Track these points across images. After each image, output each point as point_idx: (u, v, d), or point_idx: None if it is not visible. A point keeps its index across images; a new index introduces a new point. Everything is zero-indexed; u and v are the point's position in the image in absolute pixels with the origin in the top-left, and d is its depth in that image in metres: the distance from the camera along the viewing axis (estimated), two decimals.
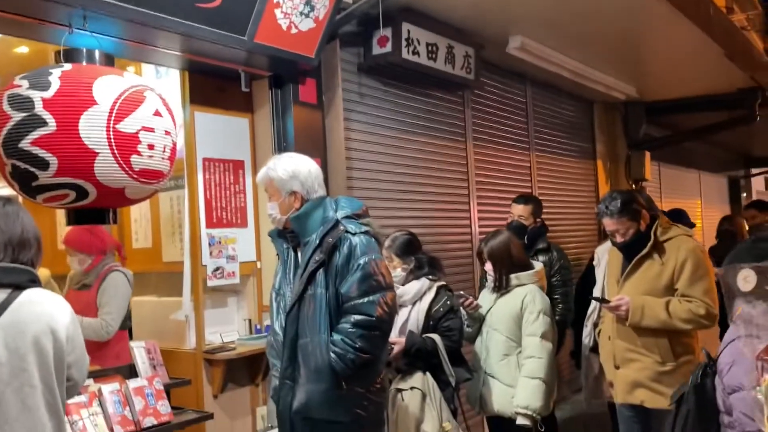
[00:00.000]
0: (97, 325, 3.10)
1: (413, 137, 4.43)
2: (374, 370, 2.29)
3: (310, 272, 2.27)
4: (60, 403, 1.83)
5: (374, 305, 2.22)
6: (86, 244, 3.27)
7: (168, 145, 2.49)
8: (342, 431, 2.26)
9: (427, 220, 4.44)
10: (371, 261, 2.25)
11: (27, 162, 2.24)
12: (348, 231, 2.28)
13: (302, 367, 2.26)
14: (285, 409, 2.30)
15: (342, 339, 2.20)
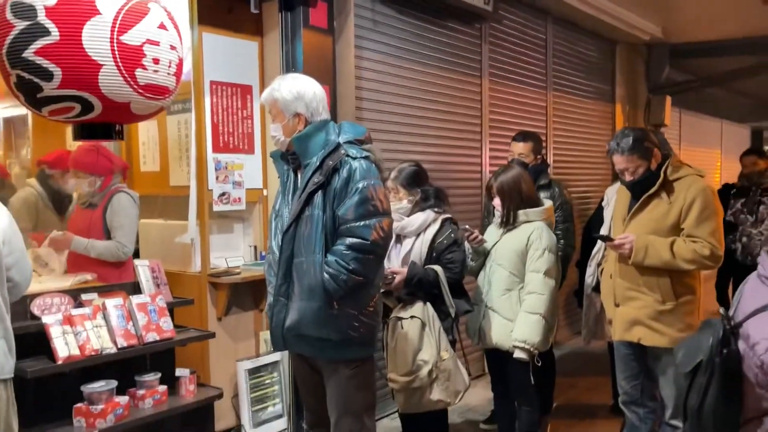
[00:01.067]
0: (113, 247, 3.13)
1: (426, 69, 4.32)
2: (367, 293, 2.31)
3: (309, 193, 2.28)
4: (1, 302, 1.96)
5: (370, 229, 2.23)
6: (94, 165, 3.26)
7: (174, 60, 2.45)
8: (332, 348, 2.31)
9: (436, 156, 4.39)
10: (370, 186, 2.25)
11: (31, 72, 2.22)
12: (349, 155, 2.28)
13: (296, 285, 2.29)
14: (278, 326, 2.35)
15: (336, 260, 2.22)
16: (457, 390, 2.82)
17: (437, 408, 2.84)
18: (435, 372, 2.74)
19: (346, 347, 2.31)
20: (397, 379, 2.79)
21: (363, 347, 2.36)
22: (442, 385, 2.77)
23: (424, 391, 2.76)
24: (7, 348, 1.97)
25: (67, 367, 2.35)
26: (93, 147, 3.29)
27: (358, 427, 2.36)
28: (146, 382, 2.61)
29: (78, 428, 2.35)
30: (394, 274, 2.79)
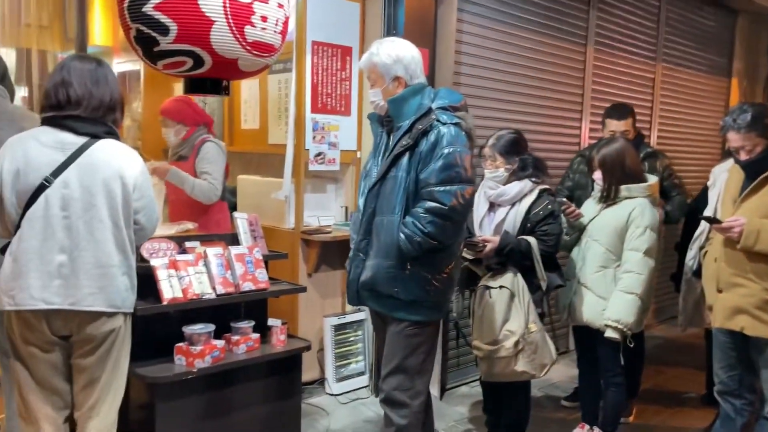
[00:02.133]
0: (206, 185, 3.26)
1: (529, 35, 4.19)
2: (442, 258, 2.34)
3: (396, 155, 2.32)
4: (127, 241, 2.11)
5: (450, 195, 2.25)
6: (183, 114, 3.38)
7: (280, 18, 2.49)
8: (400, 308, 2.36)
9: (533, 125, 4.27)
10: (456, 152, 2.26)
11: (150, 27, 2.32)
12: (439, 120, 2.29)
13: (374, 242, 2.36)
14: (354, 280, 2.43)
15: (413, 222, 2.26)
16: (544, 363, 2.78)
17: (521, 379, 2.82)
18: (521, 343, 2.72)
19: (415, 309, 2.35)
20: (482, 346, 2.78)
21: (431, 311, 2.39)
22: (528, 357, 2.74)
23: (509, 361, 2.74)
24: (130, 285, 2.13)
25: (171, 308, 2.51)
26: (182, 97, 3.41)
27: (408, 385, 2.40)
28: (241, 329, 2.74)
29: (178, 366, 2.51)
30: (485, 242, 2.76)
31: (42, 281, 1.99)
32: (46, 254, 2.00)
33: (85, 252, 2.02)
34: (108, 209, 2.04)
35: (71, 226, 2.01)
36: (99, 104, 2.06)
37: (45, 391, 2.11)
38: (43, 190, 1.99)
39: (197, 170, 3.32)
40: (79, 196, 2.01)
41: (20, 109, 2.51)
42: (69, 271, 2.01)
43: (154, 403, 2.44)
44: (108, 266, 2.05)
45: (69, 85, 2.03)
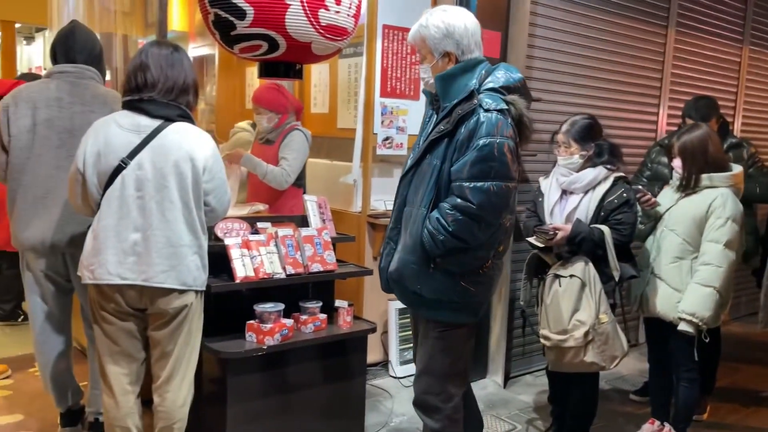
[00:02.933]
0: (278, 171, 3.32)
1: (606, 17, 4.04)
2: (474, 258, 2.11)
3: (431, 141, 2.11)
4: (197, 222, 2.17)
5: (480, 192, 2.00)
6: (275, 103, 3.43)
7: (354, 2, 2.50)
8: (424, 305, 2.20)
9: (609, 111, 4.13)
10: (494, 144, 1.99)
11: (227, 11, 2.38)
12: (481, 105, 2.03)
13: (403, 233, 2.19)
14: (384, 268, 2.27)
15: (438, 218, 2.05)
16: (614, 355, 2.71)
17: (590, 370, 2.76)
18: (592, 334, 2.65)
19: (438, 309, 2.18)
20: (550, 336, 2.74)
21: (456, 313, 2.18)
22: (598, 348, 2.67)
23: (577, 351, 2.68)
24: (201, 264, 2.20)
25: (243, 286, 2.58)
26: (275, 85, 3.48)
27: (438, 389, 2.24)
28: (309, 309, 2.79)
29: (249, 342, 2.58)
30: (556, 230, 2.70)
31: (118, 257, 2.09)
32: (122, 232, 2.09)
33: (157, 231, 2.10)
34: (178, 190, 2.11)
35: (144, 206, 2.09)
36: (173, 86, 2.13)
37: (121, 360, 2.22)
38: (120, 171, 2.08)
39: (279, 155, 3.38)
40: (152, 177, 2.09)
41: (111, 92, 2.63)
42: (142, 248, 2.09)
43: (225, 378, 2.52)
44: (178, 245, 2.12)
45: (146, 69, 2.11)
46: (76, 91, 2.49)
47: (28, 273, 2.58)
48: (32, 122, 2.42)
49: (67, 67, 2.52)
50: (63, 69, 2.51)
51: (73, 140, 2.43)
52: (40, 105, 2.43)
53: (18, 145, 2.43)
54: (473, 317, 2.24)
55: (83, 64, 2.54)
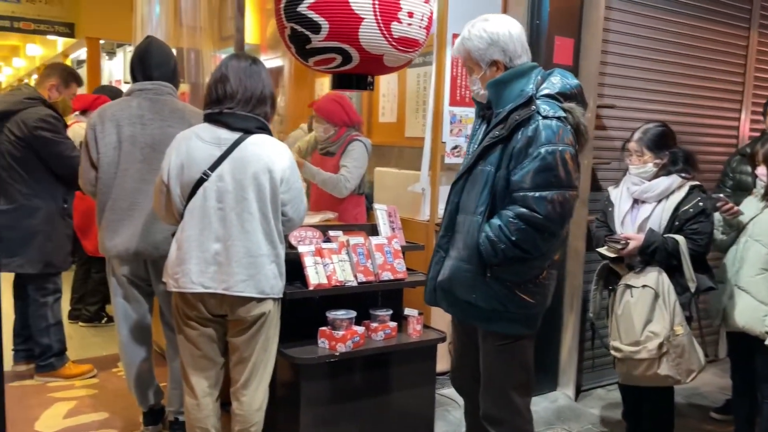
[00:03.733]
0: (336, 179, 3.38)
1: (684, 20, 3.91)
2: (532, 267, 2.07)
3: (486, 147, 2.07)
4: (275, 231, 2.24)
5: (545, 202, 1.96)
6: (334, 115, 3.51)
7: (426, 13, 2.51)
8: (479, 316, 2.15)
9: (687, 117, 4.00)
10: (556, 152, 1.95)
11: (303, 25, 2.43)
12: (539, 112, 1.99)
13: (455, 241, 2.15)
14: (432, 278, 2.24)
15: (500, 226, 2.00)
16: (690, 369, 2.62)
17: (664, 384, 2.68)
18: (666, 346, 2.57)
19: (495, 320, 2.13)
20: (621, 347, 2.66)
21: (512, 324, 2.14)
22: (673, 361, 2.59)
23: (650, 363, 2.60)
24: (278, 272, 2.27)
25: (316, 294, 2.64)
26: (337, 98, 3.55)
27: (504, 402, 2.20)
28: (379, 317, 2.82)
29: (321, 348, 2.64)
30: (628, 240, 2.63)
31: (200, 267, 2.18)
32: (204, 242, 2.17)
33: (237, 241, 2.17)
34: (257, 202, 2.18)
35: (225, 217, 2.17)
36: (251, 97, 2.20)
37: (202, 364, 2.31)
38: (202, 183, 2.17)
39: (340, 164, 3.44)
40: (232, 189, 2.16)
41: (188, 106, 2.75)
42: (223, 258, 2.17)
43: (299, 383, 2.58)
44: (257, 255, 2.19)
45: (226, 81, 2.20)
46: (155, 108, 2.61)
47: (113, 278, 2.72)
48: (117, 139, 2.56)
49: (146, 84, 2.64)
50: (142, 87, 2.64)
51: (154, 154, 2.55)
52: (123, 123, 2.56)
53: (105, 161, 2.57)
54: (532, 327, 2.19)
55: (160, 79, 2.66)
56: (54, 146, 3.29)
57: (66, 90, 3.53)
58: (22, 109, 3.26)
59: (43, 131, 3.27)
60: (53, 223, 3.37)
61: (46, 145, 3.28)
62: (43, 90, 3.45)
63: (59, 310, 3.60)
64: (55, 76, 3.50)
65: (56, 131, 3.32)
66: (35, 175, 3.30)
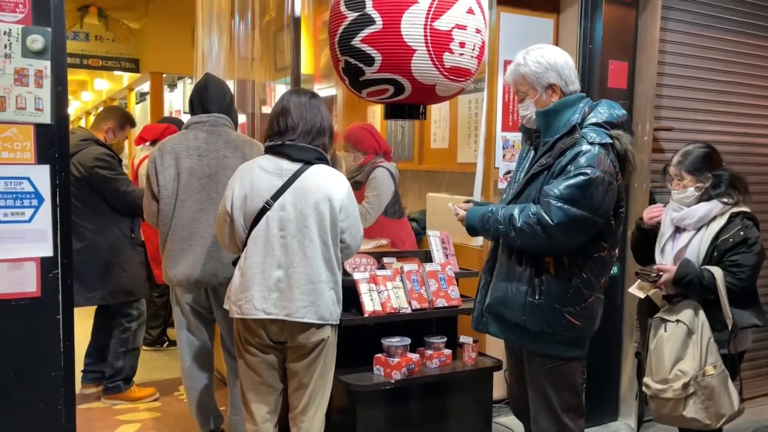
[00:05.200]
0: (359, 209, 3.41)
1: (745, 39, 3.82)
2: (577, 289, 2.11)
3: (533, 174, 2.14)
4: (334, 259, 2.29)
5: (564, 214, 2.00)
6: (363, 143, 3.56)
7: (477, 43, 2.54)
8: (529, 338, 2.18)
9: (749, 137, 3.87)
10: (591, 175, 1.99)
11: (357, 58, 2.49)
12: (585, 137, 2.05)
13: (502, 263, 2.21)
14: (480, 302, 2.29)
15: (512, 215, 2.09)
16: (720, 413, 2.47)
17: (692, 427, 2.53)
18: (693, 386, 2.45)
19: (544, 341, 2.16)
20: (650, 384, 2.57)
21: (561, 346, 2.16)
22: (701, 404, 2.46)
23: (676, 404, 2.49)
24: (336, 299, 2.32)
25: (371, 320, 2.67)
26: (366, 125, 3.62)
27: (557, 427, 2.20)
28: (434, 344, 2.82)
29: (377, 376, 2.65)
30: (660, 272, 2.53)
31: (263, 294, 2.24)
32: (267, 270, 2.24)
33: (299, 268, 2.23)
34: (318, 229, 2.24)
35: (287, 245, 2.23)
36: (310, 129, 2.28)
37: (262, 390, 2.36)
38: (265, 213, 2.24)
39: (364, 194, 3.48)
40: (294, 217, 2.23)
41: (242, 136, 2.84)
42: (285, 285, 2.23)
43: (355, 409, 2.60)
44: (317, 282, 2.24)
45: (287, 114, 2.28)
46: (211, 139, 2.71)
47: (176, 307, 2.81)
48: (176, 171, 2.67)
49: (202, 117, 2.75)
50: (199, 119, 2.75)
51: (211, 184, 2.65)
52: (181, 155, 2.67)
53: (165, 193, 2.67)
54: (581, 350, 2.22)
55: (216, 112, 2.77)
56: (110, 183, 3.45)
57: (121, 132, 3.74)
58: (77, 151, 3.42)
59: (100, 169, 3.43)
60: (124, 253, 3.52)
61: (104, 183, 3.44)
62: (99, 132, 3.63)
63: (141, 336, 3.76)
64: (112, 119, 3.69)
65: (112, 168, 3.48)
66: (98, 211, 3.46)
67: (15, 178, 2.13)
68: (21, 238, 2.16)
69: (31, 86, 2.12)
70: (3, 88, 2.10)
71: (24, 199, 2.15)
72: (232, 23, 4.21)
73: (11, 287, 2.16)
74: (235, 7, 4.16)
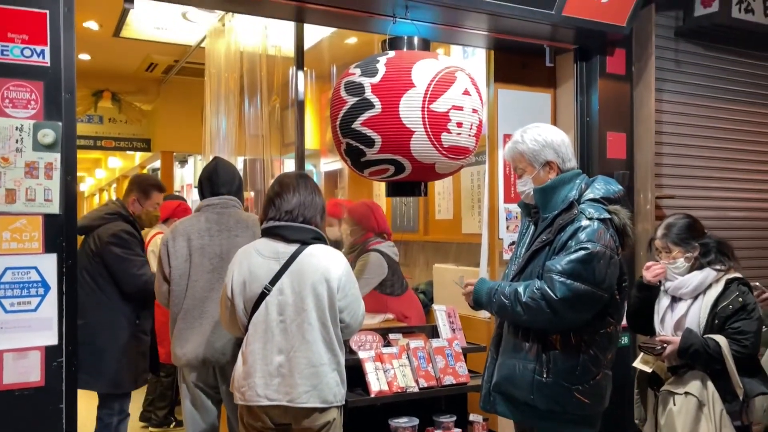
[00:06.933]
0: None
1: (738, 106, 3.90)
2: (585, 367, 2.10)
3: (534, 251, 2.17)
4: (335, 340, 2.27)
5: (567, 289, 2.01)
6: (363, 221, 3.59)
7: (474, 122, 2.61)
8: (539, 418, 2.15)
9: (748, 202, 3.88)
10: (592, 250, 2.02)
11: (358, 140, 2.56)
12: (583, 213, 2.10)
13: (507, 339, 2.20)
14: (487, 380, 2.27)
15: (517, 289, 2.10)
16: None
17: None
18: None
19: (553, 420, 2.13)
20: None
21: (570, 425, 2.14)
22: None
23: None
24: (340, 379, 2.29)
25: (378, 401, 2.62)
26: (371, 204, 3.64)
27: None
28: (443, 423, 2.75)
29: None
30: (664, 344, 2.49)
31: (265, 380, 2.22)
32: (268, 355, 2.23)
33: (299, 353, 2.21)
34: (316, 311, 2.23)
35: (286, 329, 2.23)
36: (305, 209, 2.31)
37: None
38: (264, 298, 2.25)
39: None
40: (292, 301, 2.23)
41: (252, 216, 2.89)
42: (287, 370, 2.21)
43: None
44: (319, 365, 2.22)
45: (279, 196, 2.32)
46: (222, 220, 2.76)
47: (183, 385, 2.78)
48: (188, 252, 2.70)
49: (213, 200, 2.80)
50: (210, 202, 2.80)
51: (223, 263, 2.68)
52: (193, 236, 2.71)
53: (177, 274, 2.70)
54: (591, 428, 2.19)
55: (226, 194, 2.82)
56: (120, 263, 3.26)
57: (147, 201, 3.55)
58: (100, 225, 3.38)
59: (114, 246, 3.27)
60: (122, 341, 3.26)
61: (115, 261, 3.26)
62: (128, 205, 3.52)
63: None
64: (135, 191, 3.56)
65: (126, 247, 3.31)
66: (106, 290, 3.27)
67: (22, 268, 2.16)
68: (27, 327, 2.17)
69: (41, 178, 2.19)
70: (14, 181, 2.16)
71: (31, 288, 2.18)
72: (240, 103, 4.35)
73: (16, 377, 2.15)
74: (244, 88, 4.31)
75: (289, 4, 2.74)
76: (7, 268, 2.15)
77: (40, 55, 2.21)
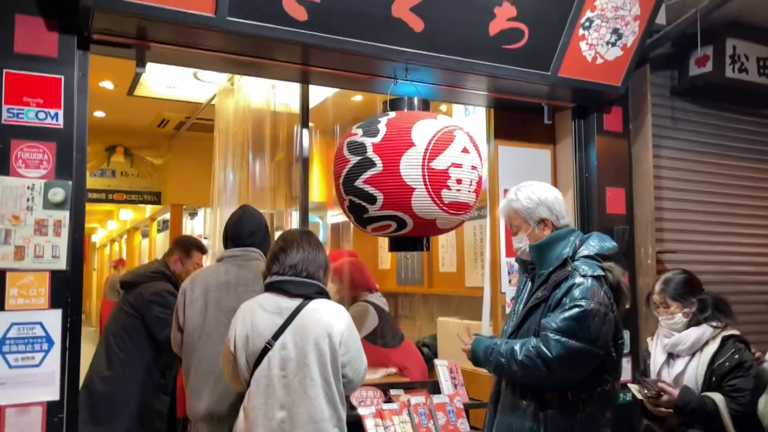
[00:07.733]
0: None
1: (735, 162, 3.95)
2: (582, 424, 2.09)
3: (530, 307, 2.20)
4: (337, 396, 2.26)
5: (560, 346, 2.02)
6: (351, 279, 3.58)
7: (474, 179, 2.67)
8: None
9: (750, 257, 3.89)
10: (586, 307, 2.04)
11: (360, 198, 2.63)
12: (577, 270, 2.12)
13: (505, 396, 2.21)
14: None
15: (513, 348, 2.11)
16: None
17: None
18: None
19: None
20: None
21: None
22: None
23: None
24: None
25: None
26: (356, 263, 3.64)
27: None
28: None
29: None
30: (662, 390, 2.49)
31: None
32: (269, 411, 2.22)
33: (301, 408, 2.21)
34: (318, 366, 2.23)
35: (288, 384, 2.23)
36: (308, 265, 2.33)
37: None
38: (267, 353, 2.25)
39: None
40: (294, 356, 2.23)
41: None
42: (288, 426, 2.20)
43: None
44: (320, 421, 2.21)
45: (283, 251, 2.35)
46: (241, 273, 2.75)
47: None
48: (204, 304, 2.70)
49: (235, 251, 2.80)
50: (232, 253, 2.80)
51: None
52: (211, 288, 2.72)
53: (191, 325, 2.70)
54: None
55: (250, 246, 2.81)
56: (160, 323, 3.32)
57: (189, 260, 3.63)
58: (143, 282, 3.43)
59: (154, 305, 3.35)
60: (143, 398, 3.31)
61: (155, 321, 3.33)
62: (171, 264, 3.61)
63: None
64: (176, 251, 3.65)
65: (167, 306, 3.31)
66: (137, 345, 3.33)
67: (28, 323, 2.20)
68: (30, 382, 2.19)
69: (49, 235, 2.25)
70: (23, 238, 2.22)
71: (35, 344, 2.21)
72: (248, 157, 4.44)
73: None
74: (250, 143, 4.41)
75: (295, 68, 2.85)
76: (13, 323, 2.19)
77: (53, 118, 2.30)
